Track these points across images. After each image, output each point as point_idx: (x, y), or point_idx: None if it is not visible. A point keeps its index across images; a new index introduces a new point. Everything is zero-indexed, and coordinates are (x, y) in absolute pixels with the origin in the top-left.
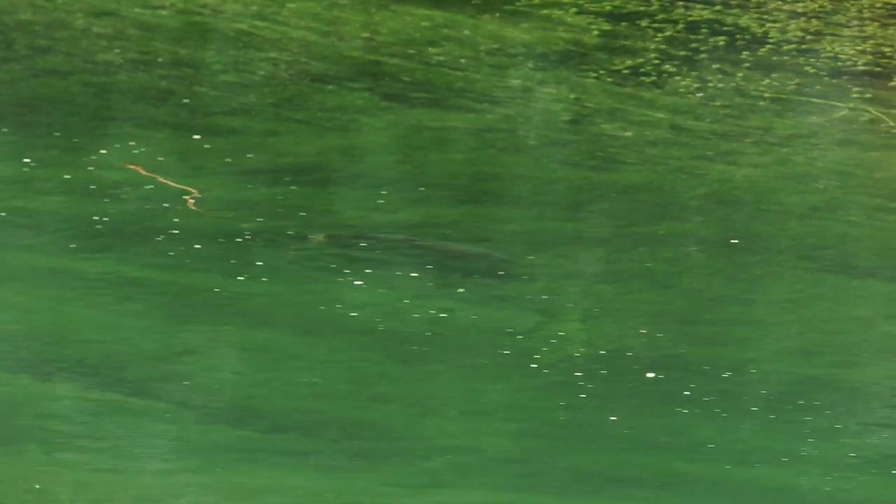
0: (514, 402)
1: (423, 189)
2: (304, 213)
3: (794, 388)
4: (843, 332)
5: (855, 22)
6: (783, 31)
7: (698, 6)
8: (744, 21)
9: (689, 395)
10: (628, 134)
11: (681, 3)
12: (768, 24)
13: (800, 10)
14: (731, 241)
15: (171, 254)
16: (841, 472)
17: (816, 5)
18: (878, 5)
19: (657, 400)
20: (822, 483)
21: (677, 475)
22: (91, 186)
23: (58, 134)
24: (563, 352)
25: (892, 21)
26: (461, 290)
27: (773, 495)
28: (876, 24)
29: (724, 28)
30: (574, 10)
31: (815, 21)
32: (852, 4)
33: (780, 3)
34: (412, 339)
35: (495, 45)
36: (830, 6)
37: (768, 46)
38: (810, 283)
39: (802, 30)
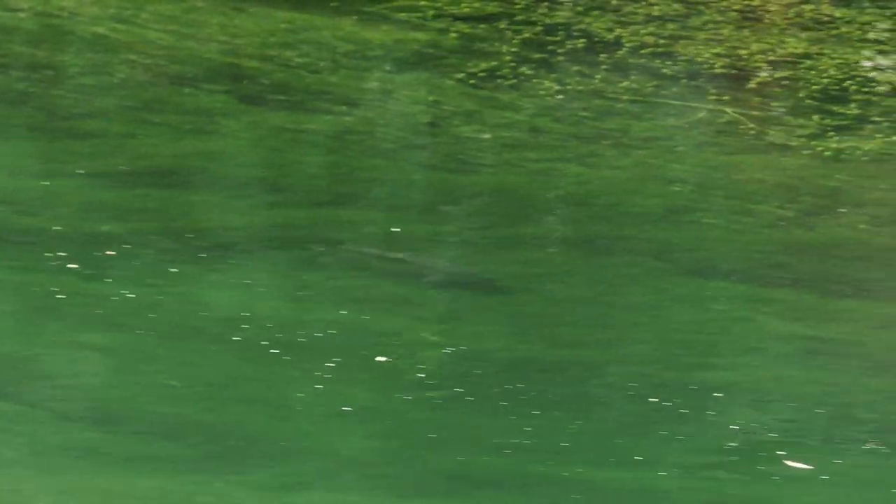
0: (372, 405)
1: (281, 191)
2: (162, 216)
3: (651, 390)
4: (701, 334)
5: (710, 25)
6: (640, 33)
7: (558, 9)
8: (601, 24)
9: (548, 398)
10: (486, 136)
11: (543, 4)
12: (626, 27)
13: (656, 14)
14: (590, 243)
15: (29, 256)
16: (699, 473)
17: (671, 9)
18: (734, 9)
19: (515, 402)
20: (679, 485)
21: (535, 477)
22: None
23: None
24: (423, 353)
25: (747, 24)
26: (321, 291)
27: (631, 497)
28: (731, 26)
29: (582, 31)
30: (432, 12)
31: (670, 24)
32: (706, 8)
33: (636, 6)
34: (271, 341)
35: (354, 48)
36: (685, 10)
37: (626, 49)
38: (668, 285)
39: (658, 33)
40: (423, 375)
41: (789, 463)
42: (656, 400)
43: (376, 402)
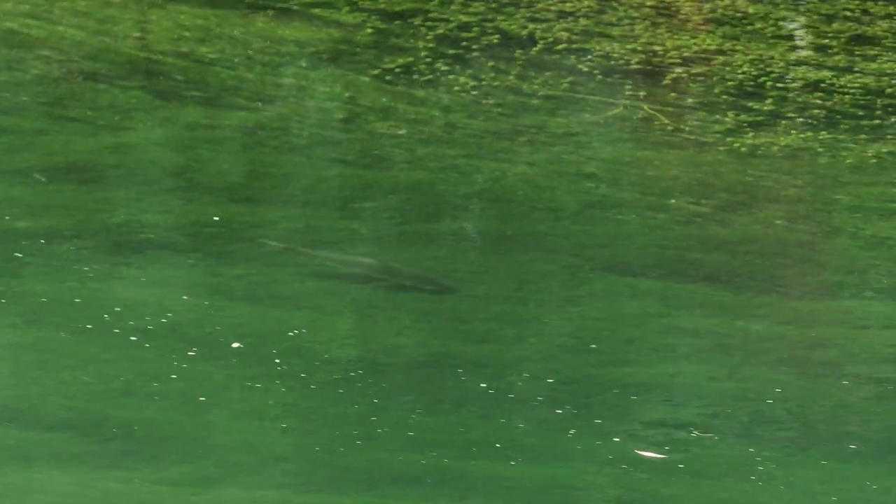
0: (287, 401)
1: (196, 188)
2: (76, 213)
3: (566, 385)
4: (616, 330)
5: (625, 21)
6: (554, 30)
7: (471, 5)
8: (517, 20)
9: (463, 393)
10: (401, 132)
11: (457, 0)
12: (540, 24)
13: (569, 10)
14: (504, 239)
15: None
16: (614, 468)
17: (584, 5)
18: (648, 5)
19: (429, 398)
20: (592, 480)
21: (451, 472)
22: None
23: None
24: (337, 351)
25: (661, 20)
26: (236, 287)
27: (543, 492)
28: (645, 23)
29: (497, 27)
30: (347, 8)
31: (584, 20)
32: (620, 4)
33: (549, 2)
34: (186, 338)
35: (268, 44)
36: (599, 6)
37: (541, 45)
38: (583, 280)
39: (572, 29)
40: (336, 373)
41: (642, 452)
42: (570, 396)
43: (291, 399)
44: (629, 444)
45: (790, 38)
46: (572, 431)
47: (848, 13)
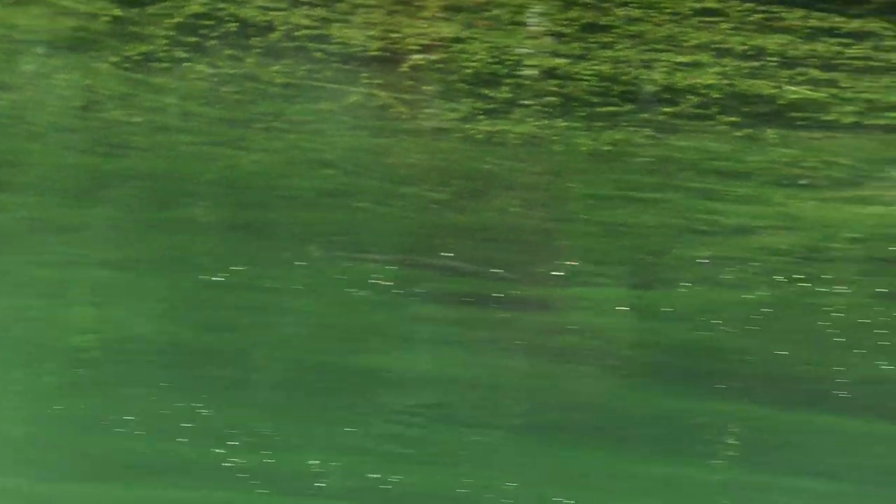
0: (24, 388)
1: None
2: None
3: (303, 374)
4: (352, 318)
5: (362, 9)
6: (291, 17)
7: None
8: (252, 7)
9: (201, 382)
10: (139, 120)
11: None
12: (279, 11)
13: None
14: (242, 227)
15: None
16: (351, 457)
17: None
18: None
19: (169, 386)
20: (332, 469)
21: (188, 461)
22: None
23: None
24: (75, 337)
25: (399, 7)
26: None
27: (283, 482)
28: (382, 10)
29: (234, 14)
30: None
31: (320, 8)
32: None
33: None
34: None
35: (3, 32)
36: None
37: (279, 32)
38: (320, 268)
39: (311, 16)
40: (75, 359)
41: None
42: (310, 384)
43: (28, 385)
44: (365, 432)
45: (526, 25)
46: (313, 419)
47: (584, 1)
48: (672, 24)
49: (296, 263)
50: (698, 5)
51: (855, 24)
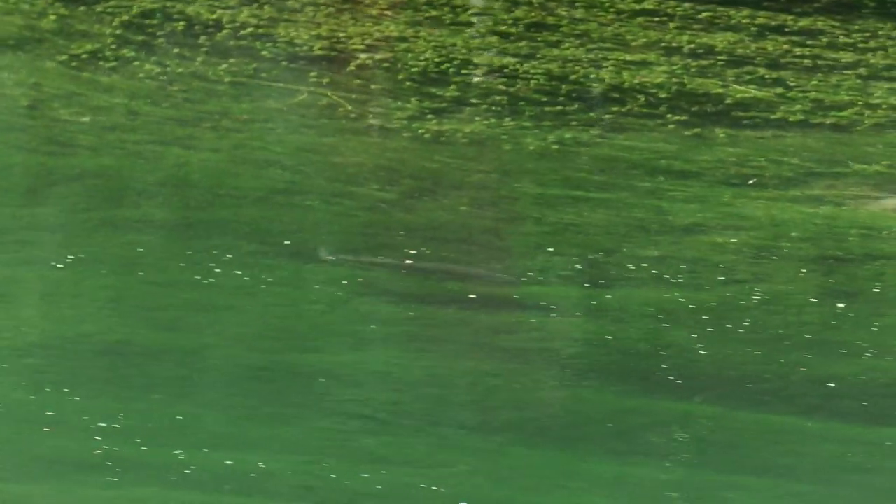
0: None
1: None
2: None
3: (252, 373)
4: (301, 317)
5: (309, 9)
6: (239, 16)
7: None
8: (200, 5)
9: (150, 381)
10: (86, 119)
11: None
12: (226, 10)
13: None
14: (189, 226)
15: None
16: (299, 456)
17: None
18: None
19: (116, 385)
20: (282, 468)
21: (137, 460)
22: None
23: None
24: (22, 338)
25: (345, 7)
26: None
27: (232, 481)
28: (329, 10)
29: (182, 12)
30: None
31: (267, 7)
32: None
33: None
34: None
35: None
36: None
37: (226, 31)
38: (268, 268)
39: (258, 15)
40: (21, 358)
41: None
42: (257, 384)
43: None
44: (315, 432)
45: (472, 24)
46: (262, 419)
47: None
48: (618, 23)
49: (243, 262)
50: (639, 6)
51: (803, 23)
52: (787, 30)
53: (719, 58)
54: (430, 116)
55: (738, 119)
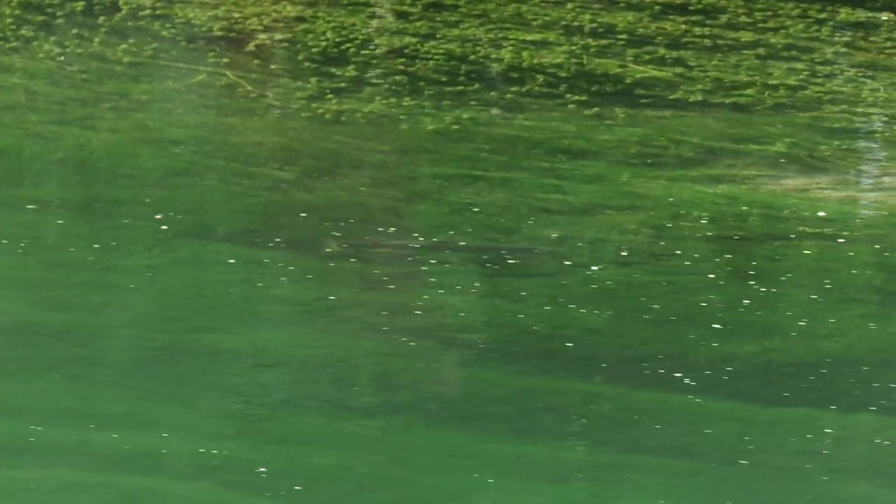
0: None
1: None
2: None
3: (152, 353)
4: (201, 297)
5: None
6: None
7: None
8: None
9: (49, 362)
10: None
11: None
12: None
13: None
14: (88, 206)
15: None
16: (200, 436)
17: None
18: None
19: (15, 365)
20: (181, 448)
21: (37, 439)
22: None
23: None
24: None
25: None
26: None
27: (135, 458)
28: None
29: None
30: None
31: None
32: None
33: None
34: None
35: None
36: None
37: (125, 12)
38: (167, 248)
39: None
40: None
41: None
42: (158, 364)
43: None
44: (215, 412)
45: (370, 4)
46: (161, 398)
47: None
48: (518, 2)
49: (142, 242)
50: None
51: (706, 2)
52: (690, 8)
53: (619, 37)
54: (329, 96)
55: (637, 99)
